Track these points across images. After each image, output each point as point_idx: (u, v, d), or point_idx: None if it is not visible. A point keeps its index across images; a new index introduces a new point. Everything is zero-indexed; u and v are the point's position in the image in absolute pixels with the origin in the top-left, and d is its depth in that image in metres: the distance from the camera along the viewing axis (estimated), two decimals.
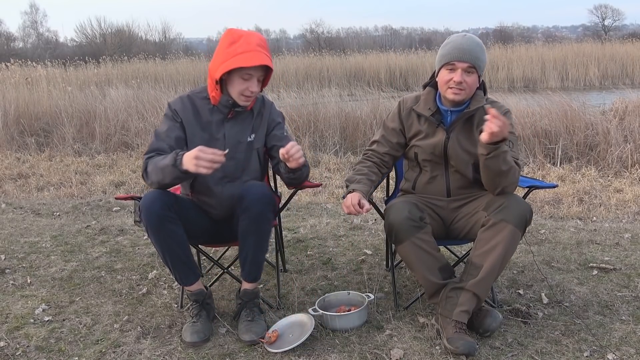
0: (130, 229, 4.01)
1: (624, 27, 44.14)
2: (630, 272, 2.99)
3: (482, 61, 2.35)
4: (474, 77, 2.35)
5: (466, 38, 2.36)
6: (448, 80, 2.35)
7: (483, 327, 2.29)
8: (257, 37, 2.36)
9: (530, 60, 18.98)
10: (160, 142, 2.38)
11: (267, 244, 2.45)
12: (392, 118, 2.58)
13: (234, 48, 2.30)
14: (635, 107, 6.58)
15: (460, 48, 2.31)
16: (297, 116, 7.39)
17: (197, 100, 2.48)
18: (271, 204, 2.35)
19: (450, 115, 2.45)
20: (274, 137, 2.54)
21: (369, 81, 16.74)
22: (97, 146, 7.57)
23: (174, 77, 17.20)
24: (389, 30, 49.15)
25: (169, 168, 2.21)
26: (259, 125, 2.52)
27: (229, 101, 2.41)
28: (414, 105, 2.51)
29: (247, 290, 2.48)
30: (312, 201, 4.83)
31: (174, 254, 2.35)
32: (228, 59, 2.29)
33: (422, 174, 2.56)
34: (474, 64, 2.32)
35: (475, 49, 2.33)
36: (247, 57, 2.28)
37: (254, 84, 2.36)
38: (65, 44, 38.88)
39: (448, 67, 2.35)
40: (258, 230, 2.35)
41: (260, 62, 2.29)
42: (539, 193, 4.73)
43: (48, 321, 2.60)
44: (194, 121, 2.45)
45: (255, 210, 2.31)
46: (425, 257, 2.30)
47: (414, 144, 2.51)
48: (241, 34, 2.35)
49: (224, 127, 2.46)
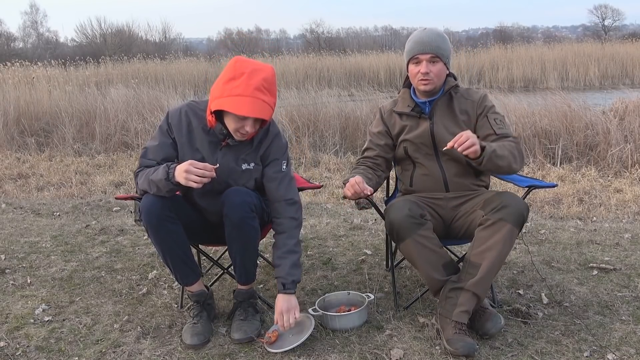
0: (130, 229, 4.01)
1: (624, 27, 44.14)
2: (630, 272, 2.99)
3: (444, 50, 2.47)
4: (439, 65, 2.47)
5: (426, 31, 2.50)
6: (416, 73, 2.48)
7: (483, 330, 2.29)
8: (259, 78, 2.14)
9: (530, 60, 18.98)
10: (149, 161, 2.33)
11: (253, 249, 2.39)
12: (376, 123, 2.69)
13: (231, 86, 2.14)
14: (635, 107, 6.58)
15: (421, 42, 2.46)
16: (297, 116, 7.39)
17: (194, 118, 2.35)
18: (252, 210, 2.27)
19: (428, 105, 2.55)
20: (265, 174, 2.40)
21: (368, 81, 16.74)
22: (97, 146, 7.58)
23: (174, 77, 17.20)
24: (389, 30, 49.10)
25: (162, 182, 2.19)
26: (254, 156, 2.39)
27: (223, 131, 2.30)
28: (392, 106, 2.64)
29: (241, 290, 2.49)
30: (312, 201, 4.83)
31: (174, 254, 2.35)
32: (222, 97, 2.15)
33: (416, 169, 2.58)
34: (436, 53, 2.45)
35: (435, 40, 2.46)
36: (240, 104, 2.11)
37: (249, 124, 2.19)
38: (65, 44, 38.88)
39: (414, 61, 2.49)
40: (241, 236, 2.30)
41: (250, 114, 2.12)
42: (539, 193, 4.73)
43: (48, 321, 2.60)
44: (186, 142, 2.35)
45: (236, 217, 2.25)
46: (428, 254, 2.30)
47: (402, 139, 2.58)
48: (243, 72, 2.14)
49: (218, 153, 2.35)
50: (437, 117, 2.52)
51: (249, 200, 2.28)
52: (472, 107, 2.53)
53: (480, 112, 2.51)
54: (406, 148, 2.57)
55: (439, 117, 2.52)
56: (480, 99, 2.54)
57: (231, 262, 2.45)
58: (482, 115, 2.50)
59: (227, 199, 2.28)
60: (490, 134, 2.45)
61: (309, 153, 6.74)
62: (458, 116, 2.51)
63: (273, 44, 41.63)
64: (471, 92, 2.58)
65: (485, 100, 2.54)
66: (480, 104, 2.52)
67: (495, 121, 2.48)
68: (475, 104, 2.53)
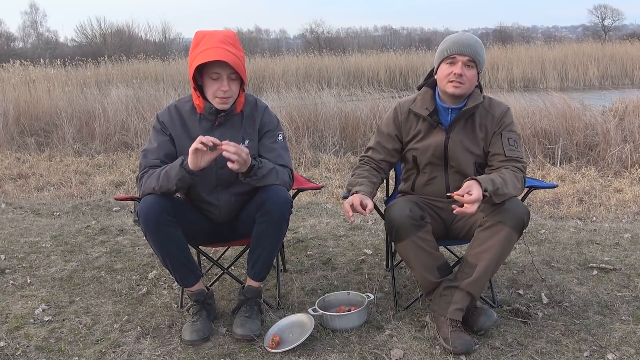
0: (130, 229, 4.01)
1: (624, 27, 44.16)
2: (630, 272, 2.99)
3: (481, 56, 2.39)
4: (474, 71, 2.38)
5: (466, 35, 2.41)
6: (448, 74, 2.36)
7: (477, 326, 2.30)
8: (221, 34, 2.31)
9: (530, 60, 18.98)
10: (153, 160, 2.36)
11: (279, 246, 2.49)
12: (387, 123, 2.55)
13: (197, 50, 2.27)
14: (635, 107, 6.58)
15: (461, 42, 2.36)
16: (297, 116, 7.39)
17: (184, 110, 2.44)
18: (290, 209, 2.38)
19: (450, 113, 2.44)
20: (262, 146, 2.47)
21: (368, 81, 16.73)
22: (97, 146, 7.58)
23: (174, 77, 17.17)
24: (389, 30, 49.18)
25: (175, 169, 2.23)
26: (251, 130, 2.46)
27: (212, 108, 2.37)
28: (411, 106, 2.50)
29: (251, 287, 2.49)
30: (312, 201, 4.83)
31: (173, 257, 2.35)
32: (192, 61, 2.28)
33: (420, 176, 2.55)
34: (474, 58, 2.36)
35: (475, 45, 2.37)
36: (206, 54, 2.23)
37: (223, 83, 2.29)
38: (65, 44, 38.88)
39: (448, 60, 2.38)
40: (276, 233, 2.38)
41: (216, 57, 2.21)
42: (539, 193, 4.73)
43: (48, 321, 2.60)
44: (183, 134, 2.41)
45: (277, 215, 2.33)
46: (424, 255, 2.30)
47: (412, 147, 2.50)
48: (204, 34, 2.32)
49: (214, 136, 2.37)
50: (455, 133, 2.43)
51: (289, 199, 2.37)
52: (492, 123, 2.43)
53: (497, 129, 2.42)
54: (415, 157, 2.51)
55: (456, 132, 2.43)
56: (501, 115, 2.44)
57: (249, 258, 2.46)
58: (498, 133, 2.42)
59: (269, 195, 2.32)
60: (499, 154, 2.39)
61: (308, 153, 6.74)
62: (477, 132, 2.43)
63: (273, 44, 41.65)
64: (494, 105, 2.47)
65: (505, 116, 2.44)
66: (499, 121, 2.43)
67: (509, 141, 2.40)
68: (495, 120, 2.43)
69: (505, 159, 2.37)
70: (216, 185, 2.44)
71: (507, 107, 2.49)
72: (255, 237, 2.39)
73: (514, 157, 2.38)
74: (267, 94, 9.92)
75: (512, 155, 2.38)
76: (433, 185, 2.52)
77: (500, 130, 2.42)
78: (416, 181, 2.57)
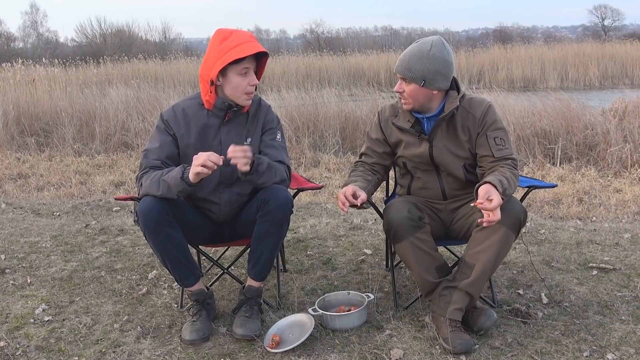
0: (130, 229, 4.01)
1: (624, 27, 44.09)
2: (630, 272, 2.99)
3: (414, 71, 2.31)
4: (412, 86, 2.35)
5: (410, 48, 2.39)
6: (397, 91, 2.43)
7: (477, 326, 2.30)
8: (247, 32, 2.40)
9: (530, 61, 18.97)
10: (153, 161, 2.37)
11: (279, 245, 2.50)
12: (374, 129, 2.59)
13: (227, 44, 2.30)
14: (635, 107, 6.58)
15: (400, 58, 2.38)
16: (297, 116, 7.39)
17: (189, 108, 2.45)
18: (291, 208, 2.39)
19: (427, 122, 2.44)
20: (262, 142, 2.50)
21: (368, 81, 16.72)
22: (97, 146, 7.57)
23: (174, 77, 17.17)
24: (389, 30, 49.09)
25: (176, 181, 2.22)
26: (254, 128, 2.50)
27: (225, 103, 2.39)
28: (392, 118, 2.52)
29: (252, 287, 2.49)
30: (312, 201, 4.83)
31: (173, 257, 2.36)
32: (223, 55, 2.29)
33: (415, 180, 2.57)
34: (402, 75, 2.35)
35: (409, 59, 2.33)
36: (243, 49, 2.28)
37: (252, 77, 2.37)
38: (65, 44, 38.85)
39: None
40: (277, 233, 2.39)
41: (256, 49, 2.30)
42: (539, 193, 4.73)
43: (48, 321, 2.60)
44: (187, 132, 2.42)
45: (279, 215, 2.34)
46: (423, 256, 2.31)
47: (401, 154, 2.52)
48: (232, 31, 2.36)
49: (220, 133, 2.44)
50: (438, 140, 2.42)
51: (290, 199, 2.38)
52: (474, 124, 2.40)
53: (481, 129, 2.39)
54: (405, 163, 2.54)
55: (439, 139, 2.42)
56: (482, 114, 2.39)
57: (249, 258, 2.46)
58: (482, 134, 2.39)
59: (271, 195, 2.33)
60: (488, 155, 2.37)
61: (308, 153, 6.74)
62: (460, 135, 2.41)
63: (273, 44, 41.57)
64: (474, 104, 2.42)
65: (487, 115, 2.39)
66: (481, 122, 2.39)
67: (495, 141, 2.36)
68: (477, 120, 2.39)
69: (495, 160, 2.36)
70: (219, 183, 2.45)
71: (489, 103, 2.43)
72: (256, 236, 2.39)
73: (503, 157, 2.36)
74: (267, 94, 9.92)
75: (501, 155, 2.36)
76: (429, 190, 2.54)
77: (484, 130, 2.39)
78: (411, 185, 2.58)
